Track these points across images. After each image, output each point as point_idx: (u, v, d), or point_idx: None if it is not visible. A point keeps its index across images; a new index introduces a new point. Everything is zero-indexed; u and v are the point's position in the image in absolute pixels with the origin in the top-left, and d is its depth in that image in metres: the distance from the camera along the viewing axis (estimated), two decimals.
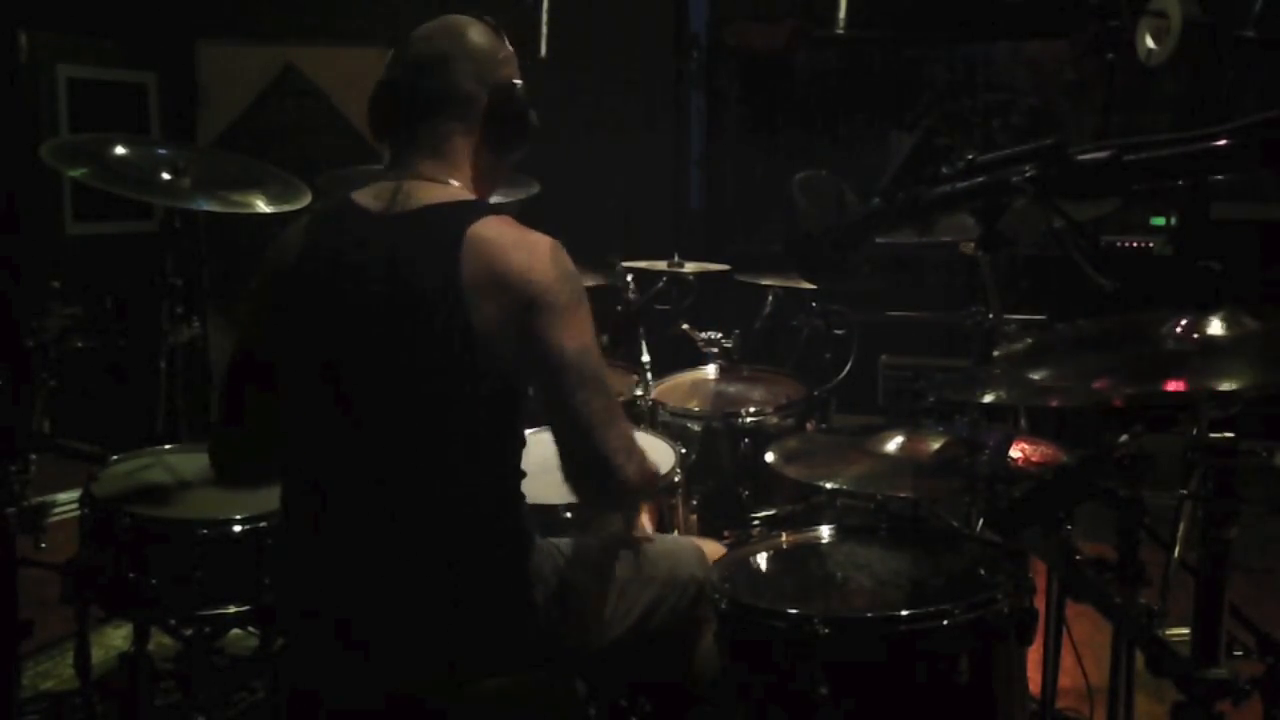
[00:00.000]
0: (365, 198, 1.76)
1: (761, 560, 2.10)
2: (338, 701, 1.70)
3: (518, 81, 1.83)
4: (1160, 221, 4.43)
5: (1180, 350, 1.44)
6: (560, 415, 1.68)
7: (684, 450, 2.65)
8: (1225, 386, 1.32)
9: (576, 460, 1.70)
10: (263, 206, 2.91)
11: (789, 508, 3.06)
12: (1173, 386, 1.34)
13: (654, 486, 2.01)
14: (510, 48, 1.87)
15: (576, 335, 1.68)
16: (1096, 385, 1.42)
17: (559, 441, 1.70)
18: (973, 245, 2.33)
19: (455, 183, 1.78)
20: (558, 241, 1.73)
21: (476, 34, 1.82)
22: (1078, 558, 1.60)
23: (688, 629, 1.97)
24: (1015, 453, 2.13)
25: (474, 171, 1.82)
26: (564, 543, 1.90)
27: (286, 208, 2.91)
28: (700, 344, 3.48)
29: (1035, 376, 1.52)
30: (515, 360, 1.67)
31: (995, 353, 1.67)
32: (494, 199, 1.97)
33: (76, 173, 2.74)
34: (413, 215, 1.71)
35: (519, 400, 1.73)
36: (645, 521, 2.15)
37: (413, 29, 1.83)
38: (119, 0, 5.08)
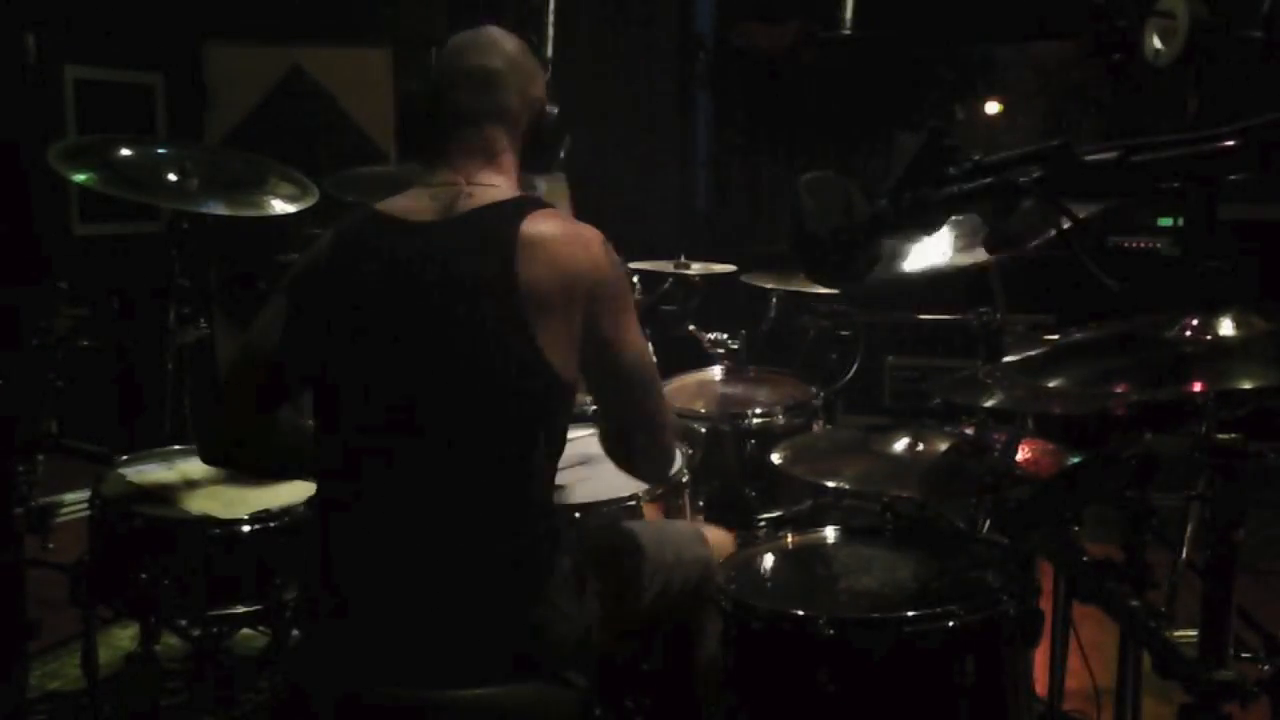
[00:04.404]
0: (411, 204, 1.77)
1: (767, 561, 2.10)
2: (342, 700, 1.70)
3: (553, 109, 1.89)
4: (1167, 222, 4.42)
5: (1191, 352, 1.44)
6: (625, 412, 1.82)
7: (690, 451, 2.65)
8: (1238, 386, 1.32)
9: (640, 454, 1.88)
10: (271, 207, 2.91)
11: (795, 509, 3.06)
12: (1189, 389, 1.34)
13: None
14: (548, 70, 1.93)
15: (632, 332, 1.77)
16: (1117, 390, 1.42)
17: (623, 434, 1.85)
18: (980, 246, 2.32)
19: (502, 183, 1.82)
20: (602, 234, 1.78)
21: (516, 48, 1.87)
22: (1084, 559, 1.60)
23: (693, 612, 1.98)
24: (1022, 454, 2.13)
25: (517, 179, 1.87)
26: (581, 537, 1.91)
27: (294, 208, 2.92)
28: (706, 345, 3.48)
29: (1048, 383, 1.52)
30: (574, 361, 1.70)
31: (1006, 358, 1.67)
32: None
33: (82, 177, 2.74)
34: (466, 219, 1.73)
35: (569, 399, 1.74)
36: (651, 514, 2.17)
37: (416, 30, 1.86)
38: (126, 1, 5.09)
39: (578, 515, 2.19)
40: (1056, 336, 1.69)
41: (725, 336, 3.46)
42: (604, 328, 1.72)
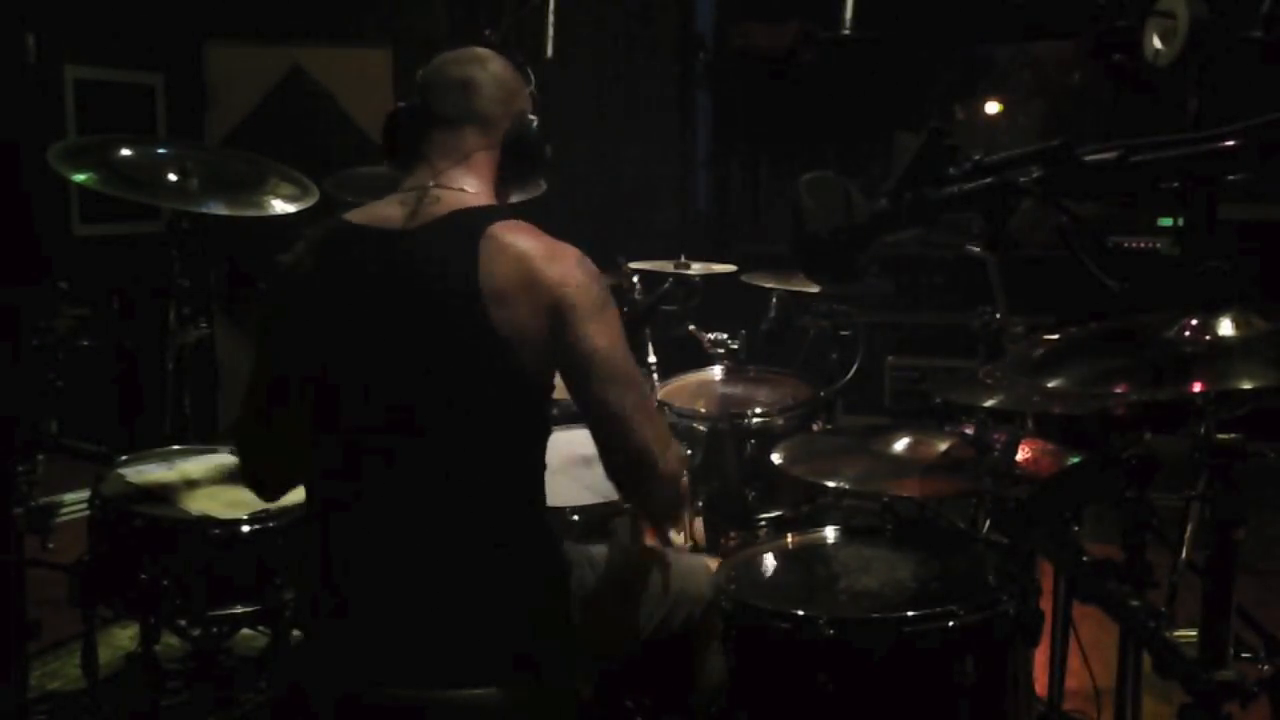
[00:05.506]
0: (380, 212, 1.77)
1: (767, 561, 2.10)
2: (342, 700, 1.70)
3: (534, 118, 1.89)
4: (1168, 222, 4.41)
5: (1191, 352, 1.44)
6: (598, 413, 1.72)
7: (690, 451, 2.65)
8: (1238, 386, 1.32)
9: (618, 457, 1.74)
10: (271, 207, 2.91)
11: (795, 509, 3.06)
12: (1189, 389, 1.34)
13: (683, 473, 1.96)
14: (531, 85, 1.93)
15: (606, 334, 1.71)
16: (1117, 390, 1.42)
17: (598, 439, 1.74)
18: (980, 246, 2.33)
19: (477, 190, 1.81)
20: (579, 251, 1.76)
21: (501, 65, 1.88)
22: (1084, 559, 1.60)
23: (696, 640, 1.98)
24: (1022, 454, 2.13)
25: (493, 190, 1.86)
26: (593, 550, 1.92)
27: (294, 208, 2.91)
28: (706, 345, 3.48)
29: (1048, 383, 1.52)
30: (543, 362, 1.69)
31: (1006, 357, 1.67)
32: None
33: (82, 177, 2.73)
34: (435, 223, 1.72)
35: (543, 402, 1.74)
36: (675, 533, 2.15)
37: (418, 30, 1.86)
38: (126, 1, 5.09)
39: (575, 517, 2.19)
40: (1056, 336, 1.69)
41: (725, 336, 3.46)
42: (570, 331, 1.68)
